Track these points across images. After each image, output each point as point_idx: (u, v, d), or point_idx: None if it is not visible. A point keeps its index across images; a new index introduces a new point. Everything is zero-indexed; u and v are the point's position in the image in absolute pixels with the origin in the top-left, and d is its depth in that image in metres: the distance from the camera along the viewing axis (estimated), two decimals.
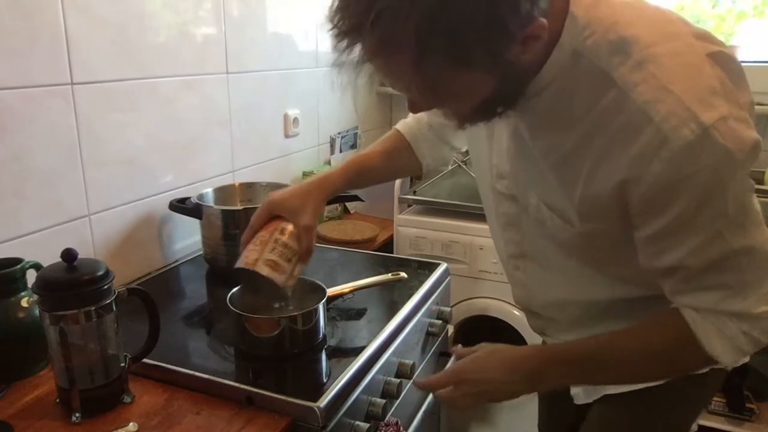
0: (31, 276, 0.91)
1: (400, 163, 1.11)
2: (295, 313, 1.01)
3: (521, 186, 0.84)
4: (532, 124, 0.77)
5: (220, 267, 1.36)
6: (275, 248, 0.90)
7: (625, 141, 0.65)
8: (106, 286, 0.86)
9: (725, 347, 0.72)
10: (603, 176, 0.69)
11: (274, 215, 0.95)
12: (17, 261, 0.96)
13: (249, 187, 1.52)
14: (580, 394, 1.01)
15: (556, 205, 0.78)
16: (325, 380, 0.96)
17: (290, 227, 0.93)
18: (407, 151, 1.09)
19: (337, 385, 0.92)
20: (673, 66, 0.64)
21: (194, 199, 1.37)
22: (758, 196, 0.71)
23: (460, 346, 0.95)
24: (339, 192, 1.03)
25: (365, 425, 0.98)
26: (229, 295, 1.04)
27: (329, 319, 1.14)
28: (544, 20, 0.61)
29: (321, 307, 1.04)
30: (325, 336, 1.07)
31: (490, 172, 0.88)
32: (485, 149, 0.88)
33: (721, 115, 0.62)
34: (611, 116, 0.66)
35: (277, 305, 1.10)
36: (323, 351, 1.05)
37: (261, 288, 0.92)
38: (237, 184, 1.52)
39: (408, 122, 1.10)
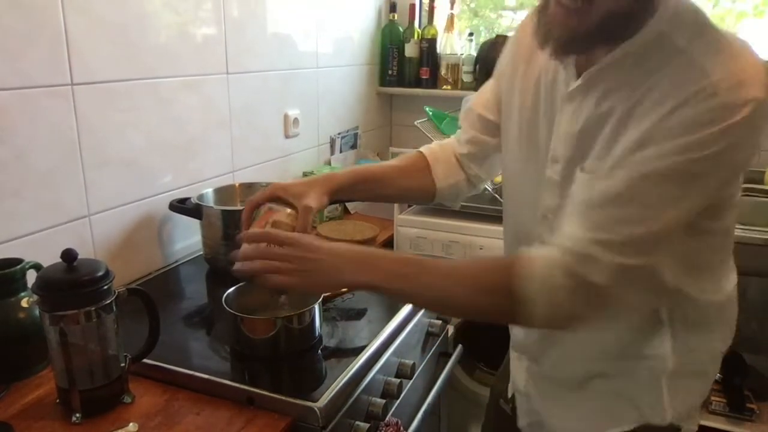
0: (31, 276, 0.91)
1: (412, 181, 1.08)
2: (291, 314, 1.01)
3: (571, 168, 0.83)
4: (604, 92, 0.78)
5: (220, 267, 1.36)
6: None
7: (677, 89, 0.70)
8: (106, 287, 0.86)
9: (536, 264, 0.74)
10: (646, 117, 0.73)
11: (274, 199, 0.94)
12: (17, 261, 0.96)
13: (249, 188, 1.52)
14: None
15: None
16: (325, 380, 0.96)
17: (284, 216, 0.92)
18: (422, 172, 1.07)
19: (337, 385, 0.92)
20: (744, 61, 0.70)
21: (194, 200, 1.37)
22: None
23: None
24: (343, 190, 1.01)
25: (365, 425, 0.98)
26: (225, 295, 1.04)
27: (330, 319, 1.14)
28: None
29: (317, 307, 1.04)
30: (320, 336, 1.07)
31: (542, 159, 0.87)
32: (543, 136, 0.87)
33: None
34: (672, 74, 0.71)
35: (282, 298, 1.09)
36: (323, 351, 1.05)
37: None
38: (237, 185, 1.52)
39: (432, 146, 1.10)
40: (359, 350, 1.03)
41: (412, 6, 2.27)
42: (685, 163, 0.69)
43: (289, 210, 0.93)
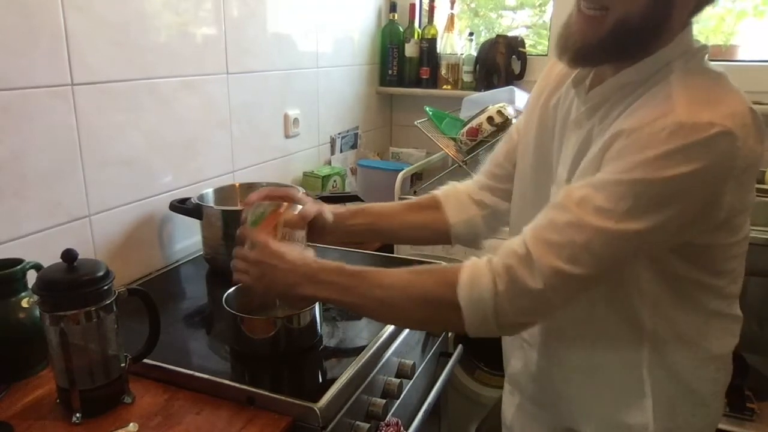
0: (32, 276, 0.91)
1: (421, 216, 1.06)
2: (291, 313, 1.01)
3: None
4: (601, 117, 0.79)
5: (220, 267, 1.35)
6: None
7: (642, 112, 0.71)
8: (106, 287, 0.86)
9: (469, 271, 0.75)
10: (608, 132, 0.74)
11: (286, 197, 0.98)
12: (18, 261, 0.96)
13: (249, 188, 1.52)
14: None
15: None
16: (325, 380, 0.96)
17: (294, 216, 0.94)
18: (433, 208, 1.06)
19: (337, 385, 0.92)
20: (716, 100, 0.69)
21: (194, 200, 1.37)
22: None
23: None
24: (343, 216, 1.03)
25: (365, 425, 0.98)
26: (225, 295, 1.04)
27: (330, 319, 1.14)
28: None
29: (317, 306, 1.04)
30: (320, 336, 1.07)
31: (550, 181, 0.88)
32: (554, 160, 0.88)
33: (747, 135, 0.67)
34: (646, 100, 0.73)
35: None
36: (323, 351, 1.05)
37: None
38: (237, 185, 1.52)
39: (444, 187, 1.09)
40: (359, 350, 1.03)
41: (412, 6, 2.27)
42: (638, 182, 0.68)
43: (299, 207, 0.95)
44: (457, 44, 2.23)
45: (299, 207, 0.96)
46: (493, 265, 0.74)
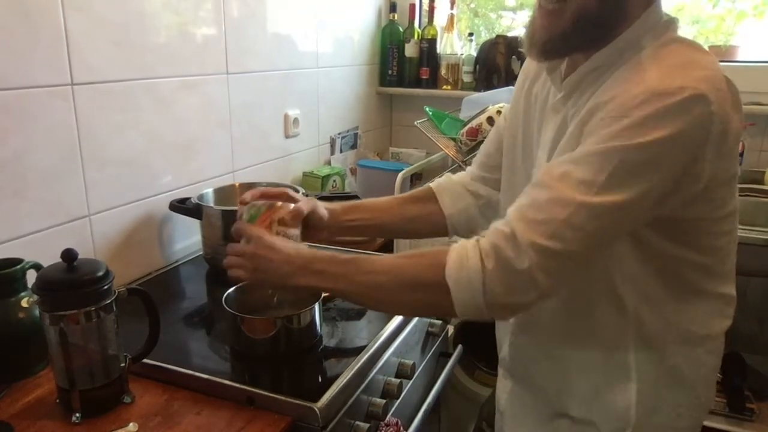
0: (32, 276, 0.91)
1: (417, 209, 1.06)
2: (291, 314, 1.01)
3: None
4: (575, 100, 0.80)
5: (220, 267, 1.34)
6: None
7: (616, 85, 0.72)
8: (106, 287, 0.86)
9: (456, 252, 0.74)
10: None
11: (282, 196, 0.97)
12: (17, 261, 0.96)
13: (249, 188, 1.49)
14: None
15: None
16: (325, 380, 0.96)
17: (287, 214, 0.94)
18: (428, 200, 1.06)
19: (337, 385, 0.92)
20: (687, 65, 0.70)
21: (194, 200, 1.37)
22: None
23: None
24: (337, 213, 1.02)
25: (365, 425, 0.98)
26: (225, 295, 1.04)
27: (330, 319, 1.14)
28: None
29: (317, 307, 1.04)
30: (320, 336, 1.07)
31: (531, 165, 0.89)
32: (535, 145, 0.89)
33: (720, 100, 0.67)
34: (619, 73, 0.74)
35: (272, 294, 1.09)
36: (322, 351, 1.05)
37: None
38: (237, 185, 1.52)
39: (439, 179, 1.09)
40: (359, 350, 1.03)
41: (412, 6, 2.27)
42: (615, 151, 0.68)
43: (292, 206, 0.95)
44: (457, 44, 2.23)
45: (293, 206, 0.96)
46: (481, 245, 0.74)
